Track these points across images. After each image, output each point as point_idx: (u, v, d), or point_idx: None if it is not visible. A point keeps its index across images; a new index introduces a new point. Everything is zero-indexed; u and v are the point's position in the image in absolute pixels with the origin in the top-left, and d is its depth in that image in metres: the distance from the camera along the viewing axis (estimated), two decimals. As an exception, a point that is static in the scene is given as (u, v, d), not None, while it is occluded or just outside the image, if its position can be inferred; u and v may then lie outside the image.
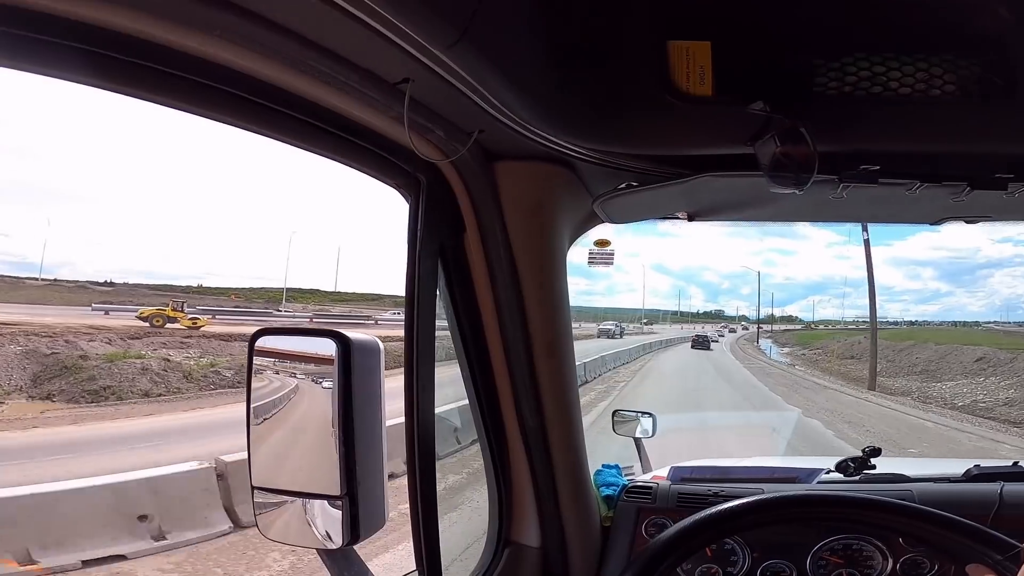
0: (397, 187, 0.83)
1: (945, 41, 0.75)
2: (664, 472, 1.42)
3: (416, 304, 0.85)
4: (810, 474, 1.37)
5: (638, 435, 1.93)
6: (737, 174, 0.79)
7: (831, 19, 0.74)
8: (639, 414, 1.96)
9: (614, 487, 1.33)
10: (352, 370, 0.87)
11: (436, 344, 0.93)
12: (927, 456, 8.89)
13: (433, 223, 0.86)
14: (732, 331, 63.46)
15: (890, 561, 1.20)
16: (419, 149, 0.75)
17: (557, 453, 1.12)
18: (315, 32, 0.52)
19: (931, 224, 1.11)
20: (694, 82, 0.73)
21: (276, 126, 0.65)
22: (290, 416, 1.06)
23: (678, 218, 1.08)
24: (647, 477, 1.42)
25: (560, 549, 1.20)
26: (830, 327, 62.63)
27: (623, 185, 0.94)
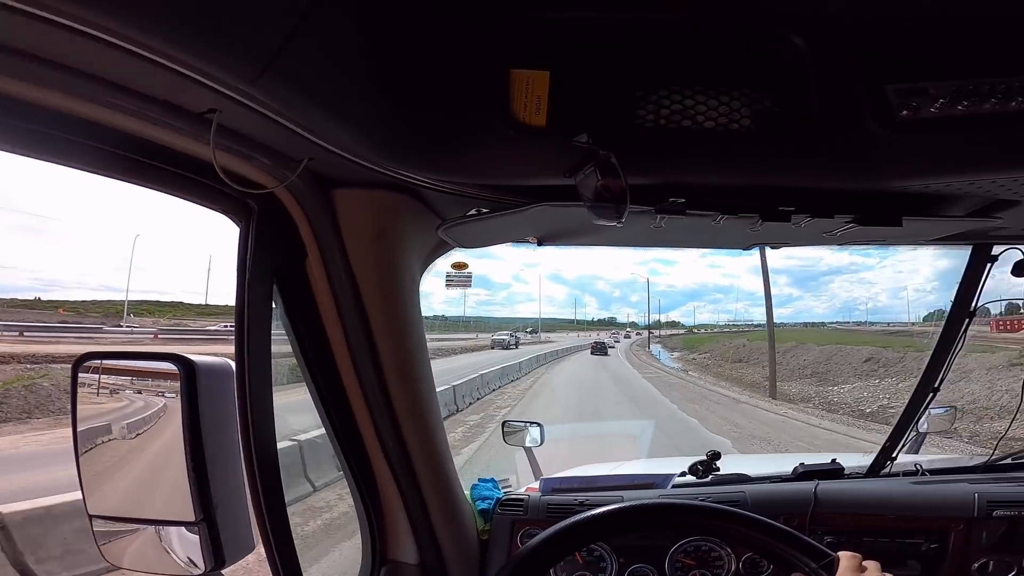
0: (225, 213, 0.82)
1: (747, 74, 0.79)
2: (537, 484, 1.52)
3: (246, 330, 0.84)
4: (666, 479, 1.53)
5: (527, 444, 2.05)
6: (570, 204, 0.81)
7: (654, 52, 0.77)
8: (527, 424, 2.07)
9: (489, 500, 1.39)
10: (199, 393, 0.84)
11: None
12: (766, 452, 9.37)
13: (267, 249, 0.86)
14: (627, 336, 69.34)
15: (735, 561, 1.35)
16: (242, 176, 0.75)
17: (423, 471, 1.16)
18: (114, 72, 0.52)
19: (743, 249, 1.23)
20: (531, 112, 0.75)
21: (92, 161, 0.63)
22: (133, 440, 1.00)
23: (529, 242, 1.13)
24: (521, 490, 1.51)
25: (438, 564, 1.24)
26: (708, 331, 71.80)
27: (469, 212, 0.98)
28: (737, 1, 0.71)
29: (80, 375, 0.84)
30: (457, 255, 1.21)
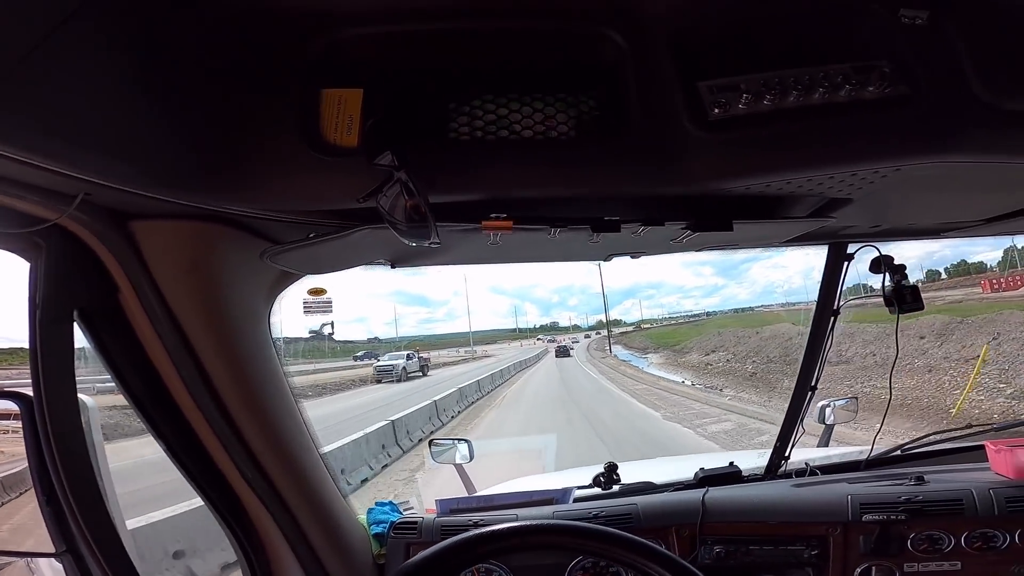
0: (12, 251, 0.81)
1: (564, 78, 0.78)
2: (435, 505, 1.57)
3: (40, 371, 0.83)
4: (565, 493, 1.62)
5: (458, 461, 2.09)
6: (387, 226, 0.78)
7: (464, 62, 0.77)
8: (455, 441, 2.12)
9: (383, 524, 1.45)
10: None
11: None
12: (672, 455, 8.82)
13: (62, 286, 0.84)
14: (576, 341, 69.39)
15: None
16: (15, 213, 0.74)
17: (295, 501, 1.18)
18: None
19: (604, 260, 1.23)
20: (342, 132, 0.74)
21: None
22: None
23: (382, 264, 1.13)
24: (420, 512, 1.56)
25: None
26: (656, 325, 71.75)
27: (298, 238, 0.95)
28: (559, 5, 0.72)
29: None
30: (314, 281, 1.22)
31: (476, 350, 62.22)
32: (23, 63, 0.51)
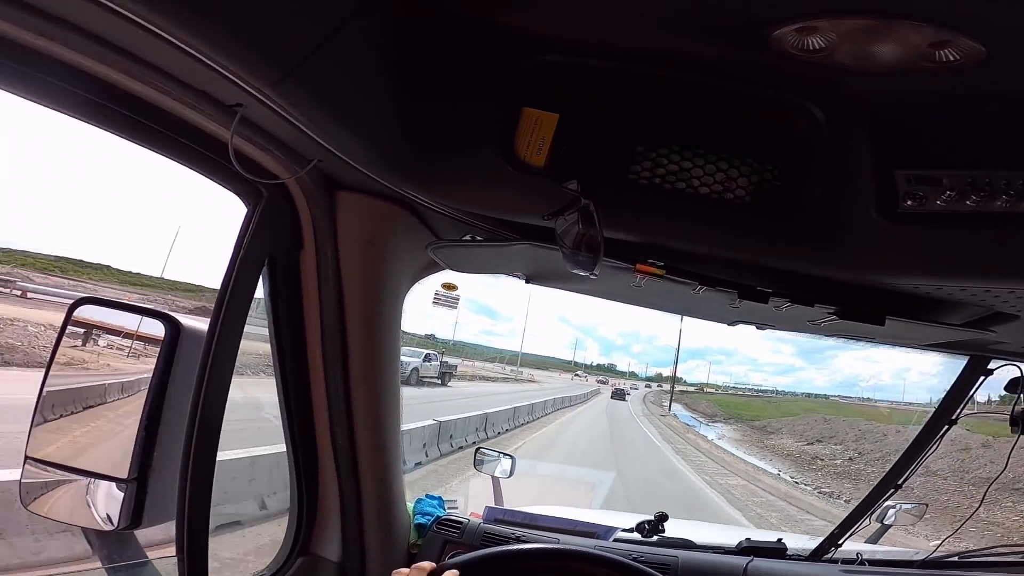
0: (237, 194, 0.91)
1: (752, 143, 0.80)
2: (482, 511, 1.58)
3: (225, 303, 0.91)
4: (608, 531, 1.59)
5: (497, 474, 2.15)
6: (553, 248, 0.82)
7: (660, 108, 0.79)
8: (500, 454, 2.18)
9: (428, 517, 1.46)
10: (177, 356, 0.90)
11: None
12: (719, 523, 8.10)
13: (266, 234, 0.94)
14: (635, 387, 67.14)
15: None
16: (258, 164, 0.84)
17: (366, 475, 1.23)
18: (158, 56, 0.60)
19: (728, 324, 1.23)
20: (532, 151, 0.79)
21: (126, 129, 0.72)
22: (96, 392, 1.03)
23: (518, 277, 1.18)
24: (465, 514, 1.56)
25: (359, 567, 1.29)
26: (721, 391, 67.67)
27: (462, 237, 1.04)
28: (765, 69, 0.71)
29: (74, 316, 0.92)
30: (449, 276, 1.27)
31: (523, 371, 59.56)
32: (317, 51, 0.61)
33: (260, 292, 1.01)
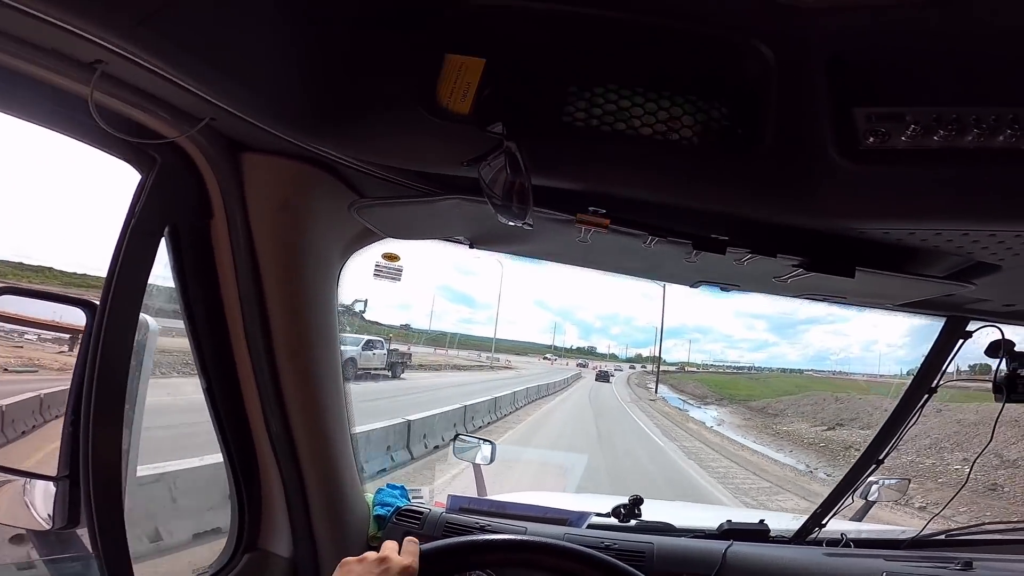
0: (128, 161, 0.85)
1: (699, 82, 0.75)
2: (446, 500, 1.53)
3: (115, 281, 0.84)
4: (580, 517, 1.54)
5: (477, 461, 2.10)
6: (484, 201, 0.77)
7: (594, 47, 0.75)
8: (480, 440, 2.12)
9: (388, 508, 1.41)
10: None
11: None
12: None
13: (163, 202, 0.87)
14: (619, 369, 66.85)
15: None
16: (143, 127, 0.78)
17: (308, 464, 1.17)
18: (7, 25, 0.57)
19: (690, 286, 1.18)
20: (456, 99, 0.74)
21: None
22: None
23: (461, 242, 1.12)
24: (429, 503, 1.52)
25: (312, 562, 1.25)
26: (702, 369, 67.35)
27: (382, 196, 0.97)
28: (708, 6, 0.67)
29: None
30: (391, 247, 1.21)
31: (500, 358, 56.51)
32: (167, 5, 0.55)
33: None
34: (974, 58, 0.66)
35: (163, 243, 0.92)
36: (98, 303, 0.86)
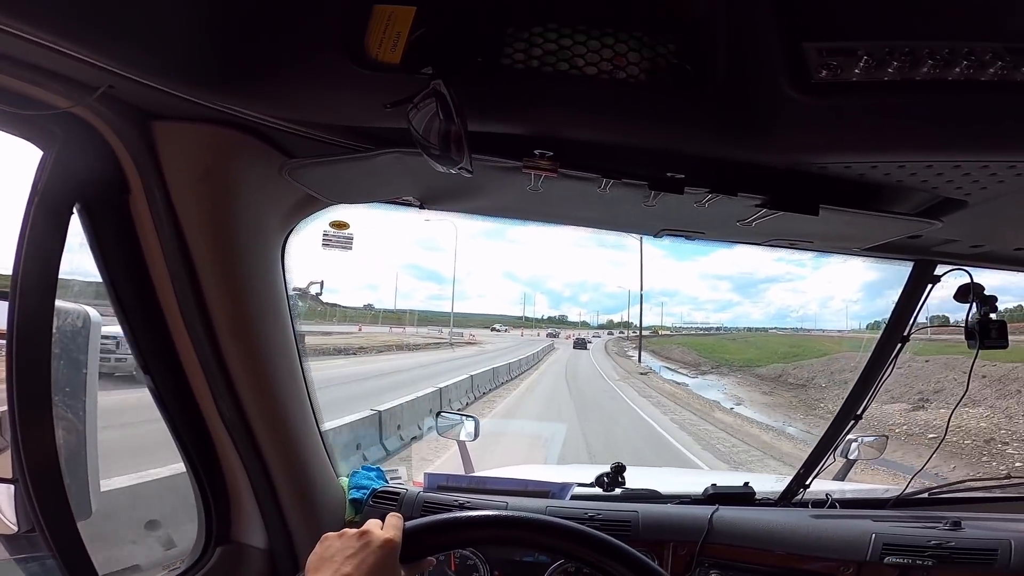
0: (26, 138, 0.79)
1: (644, 17, 0.72)
2: (423, 479, 1.50)
3: (22, 262, 0.79)
4: (563, 488, 1.53)
5: (462, 438, 2.08)
6: (420, 152, 0.74)
7: None
8: (463, 417, 2.11)
9: (364, 490, 1.38)
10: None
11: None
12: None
13: (68, 178, 0.82)
14: (597, 336, 67.25)
15: None
16: (36, 99, 0.73)
17: (270, 451, 1.12)
18: None
19: (654, 235, 1.16)
20: (386, 49, 0.70)
21: None
22: None
23: (411, 203, 1.08)
24: (407, 483, 1.49)
25: (289, 550, 1.21)
26: (676, 332, 67.07)
27: (313, 155, 0.92)
28: None
29: None
30: (337, 215, 1.15)
31: (463, 333, 53.12)
32: None
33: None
34: None
35: (77, 223, 0.87)
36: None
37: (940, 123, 0.70)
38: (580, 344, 46.94)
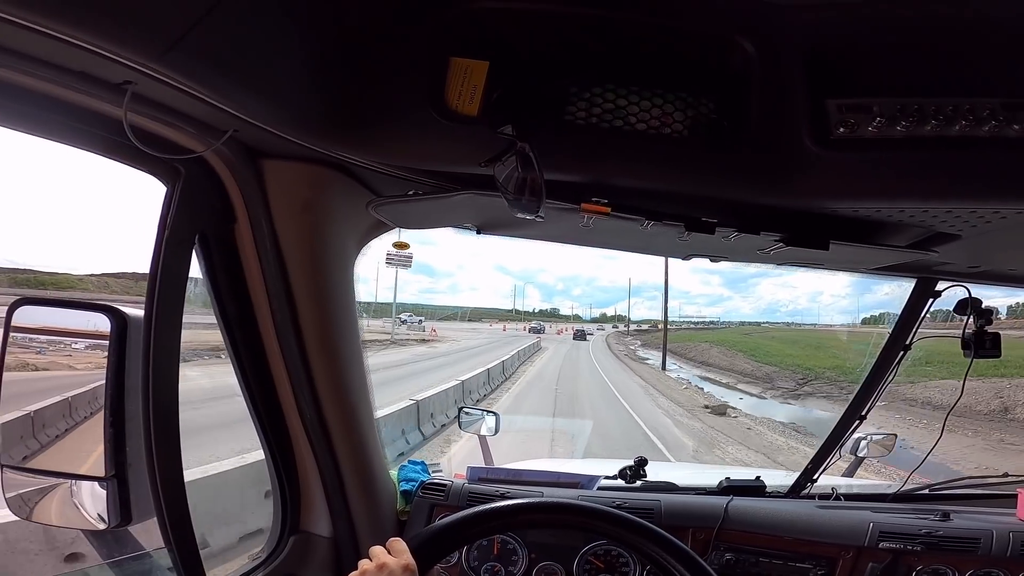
0: (154, 175, 0.90)
1: (686, 79, 0.81)
2: (465, 472, 1.63)
3: (157, 288, 0.90)
4: (591, 480, 1.66)
5: (483, 433, 2.20)
6: (496, 195, 0.83)
7: (591, 47, 0.80)
8: (484, 412, 2.22)
9: (413, 483, 1.51)
10: (128, 348, 0.89)
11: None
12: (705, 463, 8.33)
13: (191, 212, 0.93)
14: (602, 329, 64.25)
15: (639, 567, 1.45)
16: (169, 141, 0.82)
17: (341, 447, 1.25)
18: (34, 49, 0.60)
19: (683, 259, 1.27)
20: (464, 101, 0.78)
21: (24, 123, 0.71)
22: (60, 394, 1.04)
23: (468, 228, 1.19)
24: (449, 476, 1.62)
25: (351, 538, 1.34)
26: (675, 327, 61.44)
27: (398, 193, 1.03)
28: (694, 4, 0.73)
29: (14, 319, 0.90)
30: (398, 235, 1.27)
31: (428, 328, 45.19)
32: (214, 10, 0.58)
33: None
34: (935, 51, 0.74)
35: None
36: (121, 307, 0.90)
37: (938, 176, 0.80)
38: (580, 335, 48.90)
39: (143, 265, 0.92)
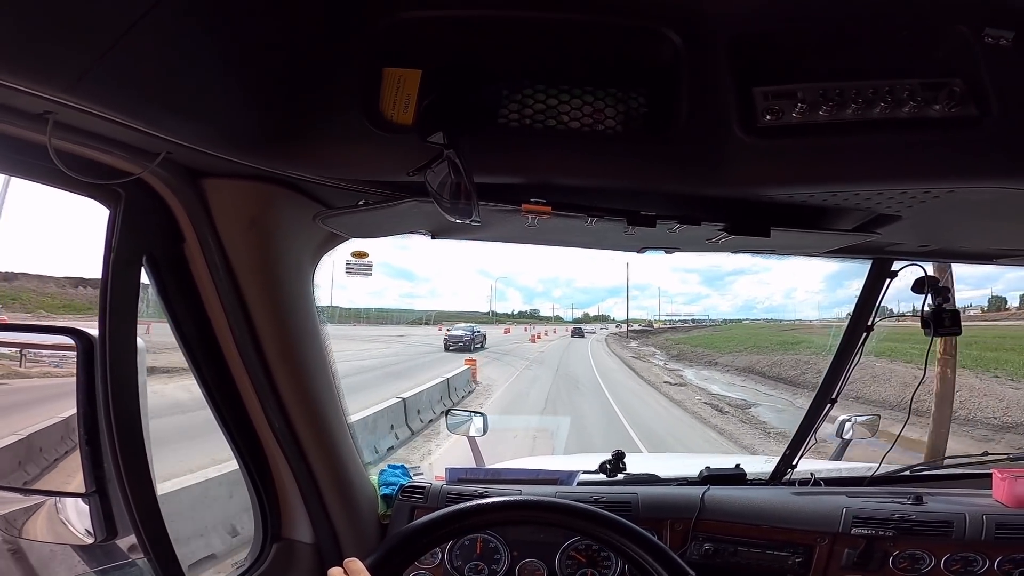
0: (94, 198, 0.91)
1: (615, 73, 0.82)
2: (444, 473, 1.66)
3: (108, 310, 0.92)
4: (570, 475, 1.68)
5: (472, 434, 2.21)
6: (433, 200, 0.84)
7: (521, 50, 0.81)
8: (471, 413, 2.24)
9: (392, 487, 1.54)
10: (96, 367, 0.93)
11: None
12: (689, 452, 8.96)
13: (136, 233, 0.95)
14: (605, 328, 61.77)
15: (619, 562, 1.46)
16: (105, 166, 0.84)
17: (313, 454, 1.27)
18: None
19: (637, 252, 1.28)
20: (399, 110, 0.80)
21: None
22: (33, 413, 1.08)
23: (423, 234, 1.19)
24: (429, 478, 1.64)
25: (334, 545, 1.36)
26: (665, 324, 60.77)
27: (344, 205, 1.04)
28: None
29: None
30: (358, 244, 1.31)
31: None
32: (123, 39, 0.58)
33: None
34: (854, 36, 0.76)
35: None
36: (85, 331, 0.94)
37: (865, 160, 0.81)
38: (577, 333, 47.80)
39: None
